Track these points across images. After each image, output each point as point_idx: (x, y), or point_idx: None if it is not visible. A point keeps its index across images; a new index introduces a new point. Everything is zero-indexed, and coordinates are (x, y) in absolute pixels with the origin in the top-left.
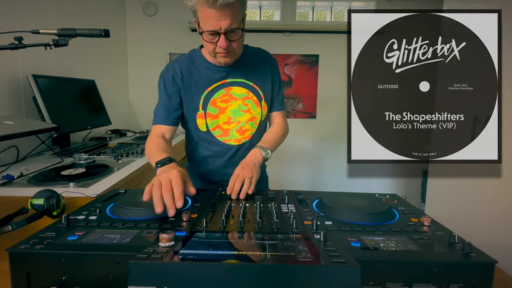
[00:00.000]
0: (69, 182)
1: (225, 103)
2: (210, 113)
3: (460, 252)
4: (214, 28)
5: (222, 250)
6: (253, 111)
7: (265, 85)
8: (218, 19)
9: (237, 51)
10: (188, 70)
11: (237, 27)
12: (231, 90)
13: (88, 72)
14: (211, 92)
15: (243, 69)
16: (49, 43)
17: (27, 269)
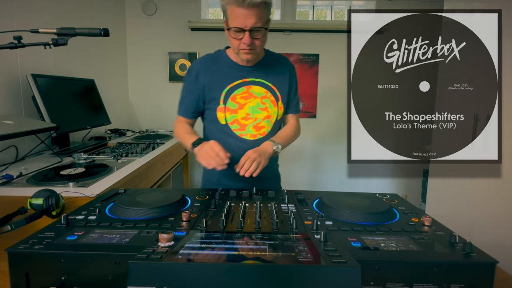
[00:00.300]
0: (69, 182)
1: (245, 99)
2: (229, 108)
3: (461, 252)
4: (240, 25)
5: (222, 250)
6: (270, 109)
7: (282, 87)
8: (244, 17)
9: (258, 49)
10: (212, 67)
11: (261, 26)
12: (251, 89)
13: (87, 71)
14: (232, 88)
15: (264, 70)
16: (48, 42)
17: (26, 269)
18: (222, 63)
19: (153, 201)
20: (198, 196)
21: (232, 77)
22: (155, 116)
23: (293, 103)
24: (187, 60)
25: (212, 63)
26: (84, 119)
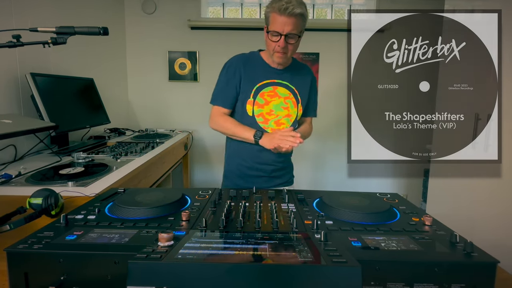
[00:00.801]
0: (68, 181)
1: (270, 97)
2: (257, 102)
3: (461, 252)
4: (279, 30)
5: (221, 250)
6: (291, 109)
7: (304, 92)
8: (283, 24)
9: (290, 53)
10: (248, 64)
11: (295, 33)
12: (277, 89)
13: (86, 70)
14: (261, 86)
15: (290, 75)
16: (47, 41)
17: (25, 269)
18: (256, 63)
19: (153, 201)
20: (198, 195)
21: (263, 76)
22: (154, 115)
23: (311, 108)
24: (186, 59)
25: (248, 62)
26: (83, 118)
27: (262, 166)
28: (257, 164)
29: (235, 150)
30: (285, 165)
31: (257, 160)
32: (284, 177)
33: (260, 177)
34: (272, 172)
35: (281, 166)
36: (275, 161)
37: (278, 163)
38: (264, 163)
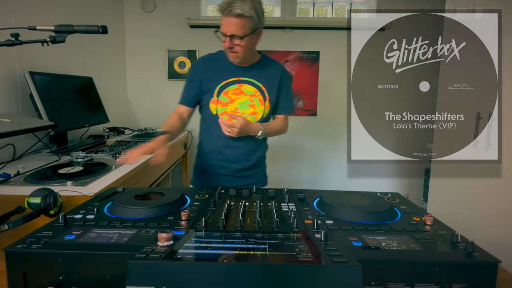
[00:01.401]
0: (67, 181)
1: (236, 95)
2: (221, 101)
3: (463, 252)
4: (223, 30)
5: (221, 249)
6: (257, 107)
7: (271, 89)
8: (226, 24)
9: (240, 53)
10: (211, 64)
11: (239, 35)
12: (243, 87)
13: (85, 69)
14: (226, 84)
15: (257, 72)
16: (46, 39)
17: (23, 269)
18: (221, 62)
19: (152, 200)
20: (198, 195)
21: (227, 74)
22: (154, 114)
23: (283, 105)
24: (186, 57)
25: (212, 61)
26: (82, 117)
27: (226, 164)
28: (222, 162)
29: (205, 143)
30: (251, 166)
31: (221, 158)
32: (252, 178)
33: (226, 175)
34: (236, 172)
35: (245, 166)
36: (238, 160)
37: (243, 161)
38: (228, 160)
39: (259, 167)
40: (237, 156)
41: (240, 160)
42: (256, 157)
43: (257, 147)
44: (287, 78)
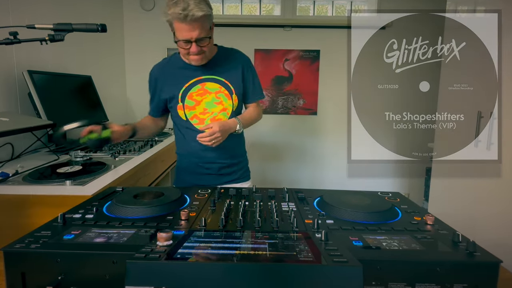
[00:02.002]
0: (65, 180)
1: (201, 96)
2: (187, 105)
3: (464, 252)
4: (187, 38)
5: (221, 249)
6: (225, 103)
7: (235, 81)
8: (189, 30)
9: (208, 53)
10: (167, 70)
11: (204, 36)
12: (206, 85)
13: (84, 67)
14: (188, 87)
15: (216, 67)
16: (44, 38)
17: (22, 269)
18: (176, 66)
19: (151, 200)
20: (197, 194)
21: (187, 77)
22: None
23: (251, 93)
24: None
25: (167, 67)
26: (81, 116)
27: (208, 165)
28: (203, 163)
29: (182, 148)
30: (234, 162)
31: (202, 160)
32: (235, 174)
33: (209, 174)
34: (220, 170)
35: (228, 163)
36: (219, 159)
37: (225, 159)
38: (209, 161)
39: (242, 162)
40: (218, 156)
41: (221, 159)
42: (237, 153)
43: (237, 142)
44: (249, 65)
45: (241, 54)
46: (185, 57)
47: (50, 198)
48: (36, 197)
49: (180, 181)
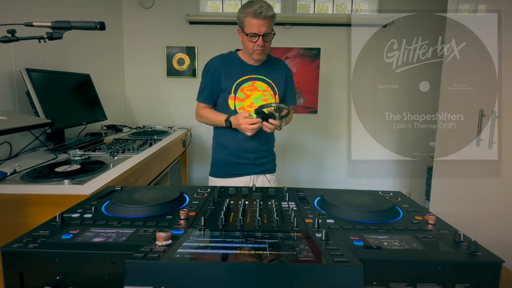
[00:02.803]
0: (64, 179)
1: (250, 91)
2: (238, 97)
3: (465, 251)
4: (256, 31)
5: (221, 249)
6: (270, 101)
7: (280, 85)
8: (260, 26)
9: (267, 50)
10: (226, 64)
11: (270, 32)
12: (256, 83)
13: (83, 65)
14: (241, 82)
15: (266, 70)
16: (43, 36)
17: (20, 269)
18: (234, 62)
19: (151, 199)
20: (197, 193)
21: (242, 73)
22: (152, 111)
23: (290, 98)
24: (185, 54)
25: (226, 61)
26: (79, 115)
27: (246, 155)
28: (241, 153)
29: (221, 141)
30: (267, 154)
31: (241, 149)
32: (267, 165)
33: (245, 164)
34: (256, 160)
35: (263, 154)
36: (257, 150)
37: (261, 151)
38: (247, 151)
39: (272, 155)
40: (255, 147)
41: (257, 150)
42: (271, 145)
43: (269, 138)
44: (291, 74)
45: (285, 64)
46: (249, 51)
47: (48, 197)
48: (34, 197)
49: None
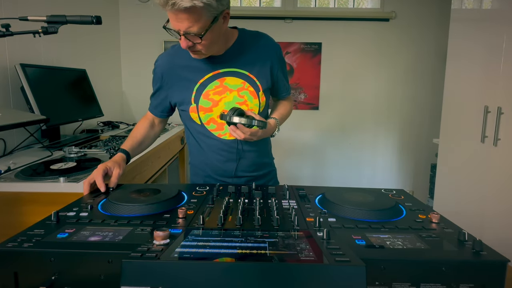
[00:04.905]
0: (59, 177)
1: (219, 95)
2: (202, 107)
3: (470, 250)
4: (174, 28)
5: (220, 248)
6: (250, 103)
7: (263, 74)
8: (176, 20)
9: (205, 51)
10: (177, 62)
11: (196, 32)
12: (225, 81)
13: (79, 61)
14: (203, 84)
15: (238, 57)
16: (38, 30)
17: (14, 269)
18: (188, 56)
19: (148, 197)
20: (195, 191)
21: (201, 70)
22: None
23: (283, 87)
24: None
25: (177, 57)
26: (75, 111)
27: (228, 180)
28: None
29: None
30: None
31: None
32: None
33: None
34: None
35: (254, 176)
36: (244, 172)
37: (250, 172)
38: (230, 176)
39: (270, 173)
40: (242, 169)
41: (246, 172)
42: (265, 162)
43: (264, 149)
44: (280, 53)
45: (268, 39)
46: None
47: (43, 195)
48: (29, 195)
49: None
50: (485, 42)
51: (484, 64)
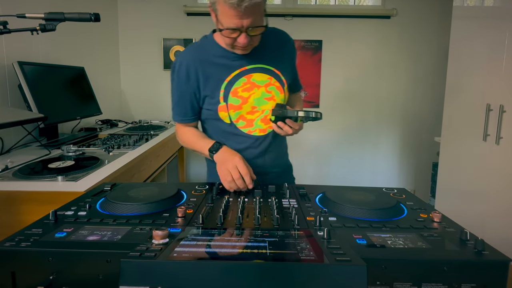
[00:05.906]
0: (57, 176)
1: (248, 91)
2: (232, 105)
3: (472, 250)
4: (236, 26)
5: (219, 248)
6: (277, 98)
7: (286, 70)
8: (240, 17)
9: (256, 44)
10: (202, 60)
11: (259, 24)
12: (252, 77)
13: (77, 58)
14: (231, 82)
15: (263, 53)
16: (35, 27)
17: (12, 268)
18: (213, 53)
19: (147, 196)
20: (194, 190)
21: (228, 68)
22: (148, 106)
23: (298, 82)
24: (182, 46)
25: (201, 55)
26: (73, 109)
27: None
28: None
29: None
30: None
31: None
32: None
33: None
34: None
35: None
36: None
37: (274, 168)
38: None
39: (289, 169)
40: (269, 164)
41: (272, 167)
42: (286, 159)
43: (285, 146)
44: (295, 49)
45: (286, 35)
46: (228, 46)
47: (41, 194)
48: (26, 194)
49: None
50: (487, 39)
51: (486, 62)
